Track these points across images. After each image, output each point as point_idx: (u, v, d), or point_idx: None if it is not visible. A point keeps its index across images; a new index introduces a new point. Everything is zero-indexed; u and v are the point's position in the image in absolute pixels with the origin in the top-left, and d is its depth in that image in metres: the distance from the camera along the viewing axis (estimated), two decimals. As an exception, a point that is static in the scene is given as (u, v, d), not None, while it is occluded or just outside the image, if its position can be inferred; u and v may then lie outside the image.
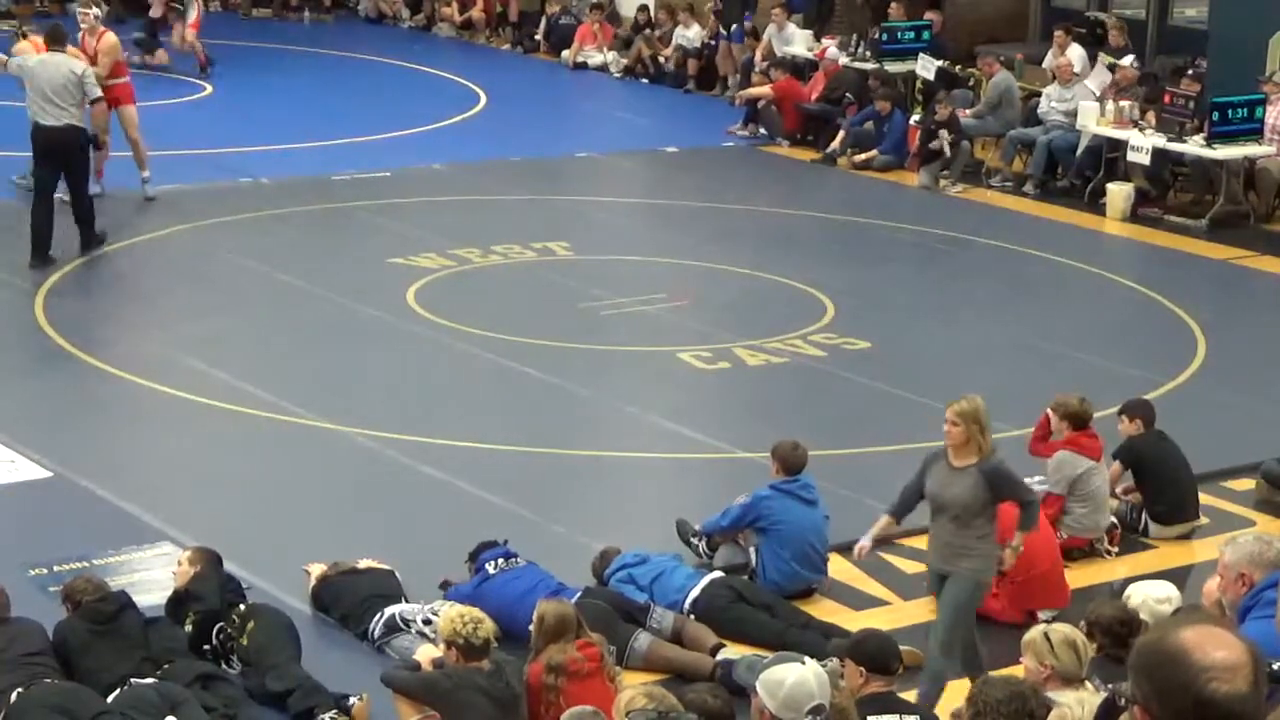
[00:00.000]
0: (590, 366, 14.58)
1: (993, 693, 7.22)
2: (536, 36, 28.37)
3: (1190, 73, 21.06)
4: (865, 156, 21.45)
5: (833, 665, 8.10)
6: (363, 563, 10.47)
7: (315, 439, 12.88)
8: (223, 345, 15.06)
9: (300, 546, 10.89)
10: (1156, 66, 23.06)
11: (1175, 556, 11.50)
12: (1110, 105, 20.26)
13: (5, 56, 17.25)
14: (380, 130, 22.63)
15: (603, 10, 27.34)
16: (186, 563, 9.91)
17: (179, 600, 9.72)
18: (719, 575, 10.60)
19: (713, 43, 26.04)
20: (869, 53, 23.41)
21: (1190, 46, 22.93)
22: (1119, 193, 19.71)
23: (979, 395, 9.32)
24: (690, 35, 26.25)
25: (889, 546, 11.37)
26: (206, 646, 9.53)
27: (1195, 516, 11.87)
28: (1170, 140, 19.49)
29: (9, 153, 18.79)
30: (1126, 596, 9.46)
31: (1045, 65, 22.47)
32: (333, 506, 11.81)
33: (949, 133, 20.55)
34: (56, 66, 16.54)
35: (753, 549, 10.88)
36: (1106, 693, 7.10)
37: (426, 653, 9.33)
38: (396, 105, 24.13)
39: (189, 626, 9.54)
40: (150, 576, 10.50)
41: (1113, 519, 11.58)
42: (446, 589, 10.37)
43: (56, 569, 10.58)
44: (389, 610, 9.90)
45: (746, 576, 10.79)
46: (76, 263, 16.59)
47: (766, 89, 23.05)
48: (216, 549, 10.05)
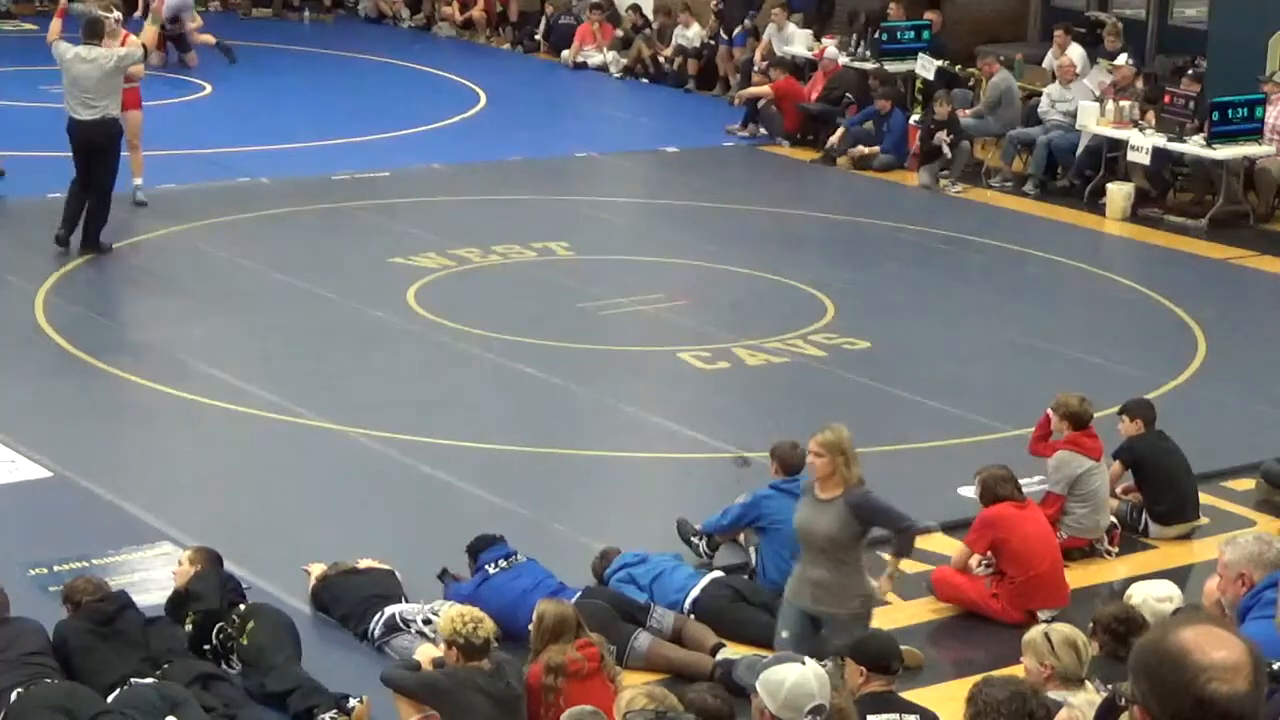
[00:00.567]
0: (590, 366, 14.58)
1: (993, 693, 7.23)
2: (536, 36, 28.37)
3: (1190, 72, 21.06)
4: (869, 151, 21.44)
5: (833, 665, 8.10)
6: (363, 563, 10.48)
7: (316, 439, 12.88)
8: (223, 345, 15.06)
9: (300, 546, 10.89)
10: (1156, 66, 23.07)
11: (1175, 556, 11.49)
12: (1110, 105, 20.26)
13: (58, 34, 17.31)
14: (380, 130, 22.63)
15: (603, 10, 27.34)
16: (186, 562, 9.92)
17: (179, 600, 9.72)
18: (719, 575, 10.61)
19: (712, 43, 26.05)
20: (869, 52, 23.41)
21: (1190, 46, 22.94)
22: (1119, 192, 19.71)
23: (843, 425, 9.06)
24: (690, 35, 26.25)
25: (889, 546, 11.38)
26: (206, 646, 9.53)
27: (1195, 516, 11.88)
28: (1170, 140, 19.49)
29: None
30: (1128, 595, 9.46)
31: (1045, 65, 22.48)
32: (333, 506, 11.81)
33: (949, 133, 20.55)
34: (92, 61, 16.68)
35: (753, 549, 10.88)
36: (1106, 693, 7.11)
37: (426, 652, 9.33)
38: (396, 105, 24.13)
39: (189, 626, 9.54)
40: (150, 576, 10.50)
41: (1113, 519, 11.58)
42: (445, 578, 10.38)
43: (56, 569, 10.58)
44: (389, 610, 9.90)
45: (746, 576, 10.79)
46: (76, 262, 16.59)
47: (766, 89, 23.06)
48: (216, 549, 10.06)
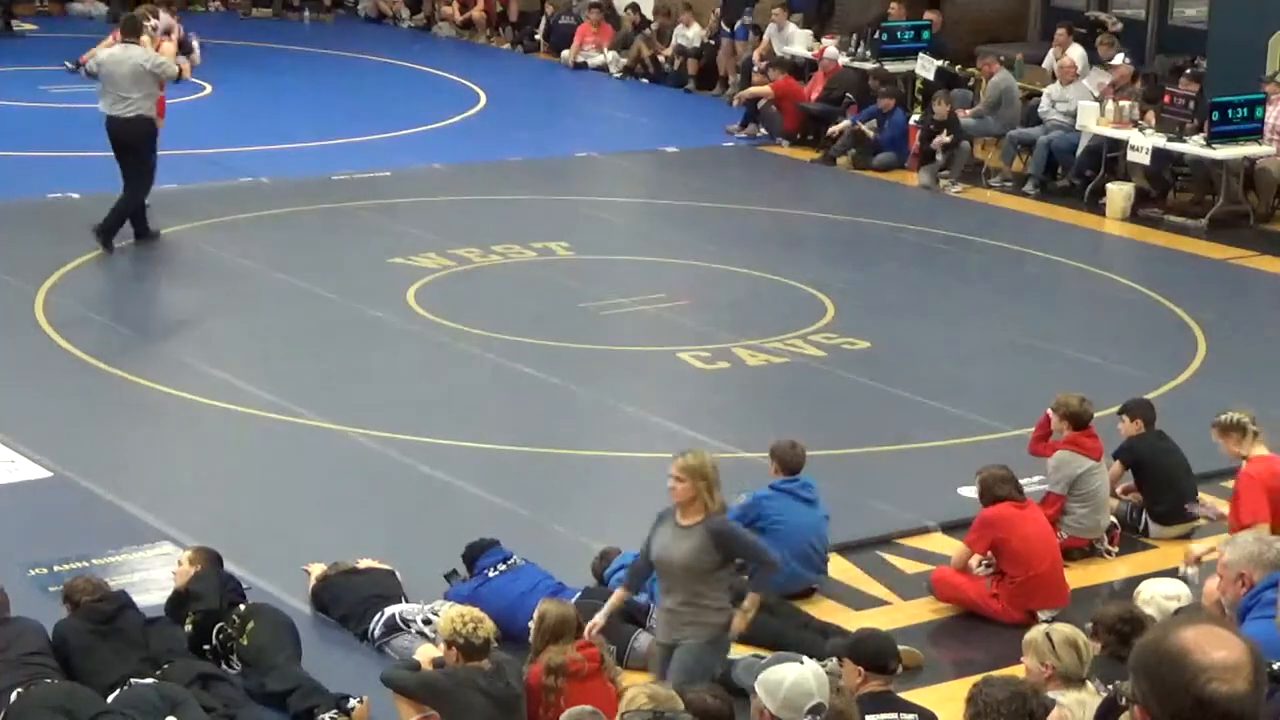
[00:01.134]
0: (590, 366, 14.58)
1: (993, 693, 7.23)
2: (536, 36, 28.37)
3: (1188, 72, 21.04)
4: (870, 134, 21.44)
5: (832, 665, 8.10)
6: (363, 563, 10.48)
7: (315, 439, 12.88)
8: (223, 345, 15.06)
9: (300, 546, 10.89)
10: (1156, 66, 23.07)
11: (1175, 556, 11.46)
12: (1110, 105, 20.26)
13: (86, 57, 17.47)
14: (380, 130, 22.63)
15: (602, 10, 27.34)
16: (186, 562, 9.92)
17: (179, 600, 9.72)
18: (719, 575, 10.60)
19: (712, 42, 26.05)
20: (869, 52, 23.41)
21: (1190, 46, 22.94)
22: (1119, 192, 19.71)
23: (705, 450, 8.73)
24: (690, 35, 26.25)
25: (889, 546, 11.40)
26: (206, 646, 9.53)
27: (1195, 516, 11.88)
28: (1170, 140, 19.49)
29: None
30: (1137, 594, 9.45)
31: (1045, 65, 22.47)
32: (333, 506, 11.81)
33: (948, 133, 20.55)
34: (133, 59, 16.83)
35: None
36: (1107, 693, 7.11)
37: (426, 652, 9.33)
38: (396, 105, 24.13)
39: (189, 626, 9.54)
40: (150, 576, 10.50)
41: (1113, 519, 11.58)
42: (453, 579, 10.38)
43: (56, 569, 10.58)
44: (389, 610, 9.90)
45: (746, 577, 10.78)
46: (76, 262, 16.59)
47: (766, 89, 23.06)
48: (216, 549, 10.06)
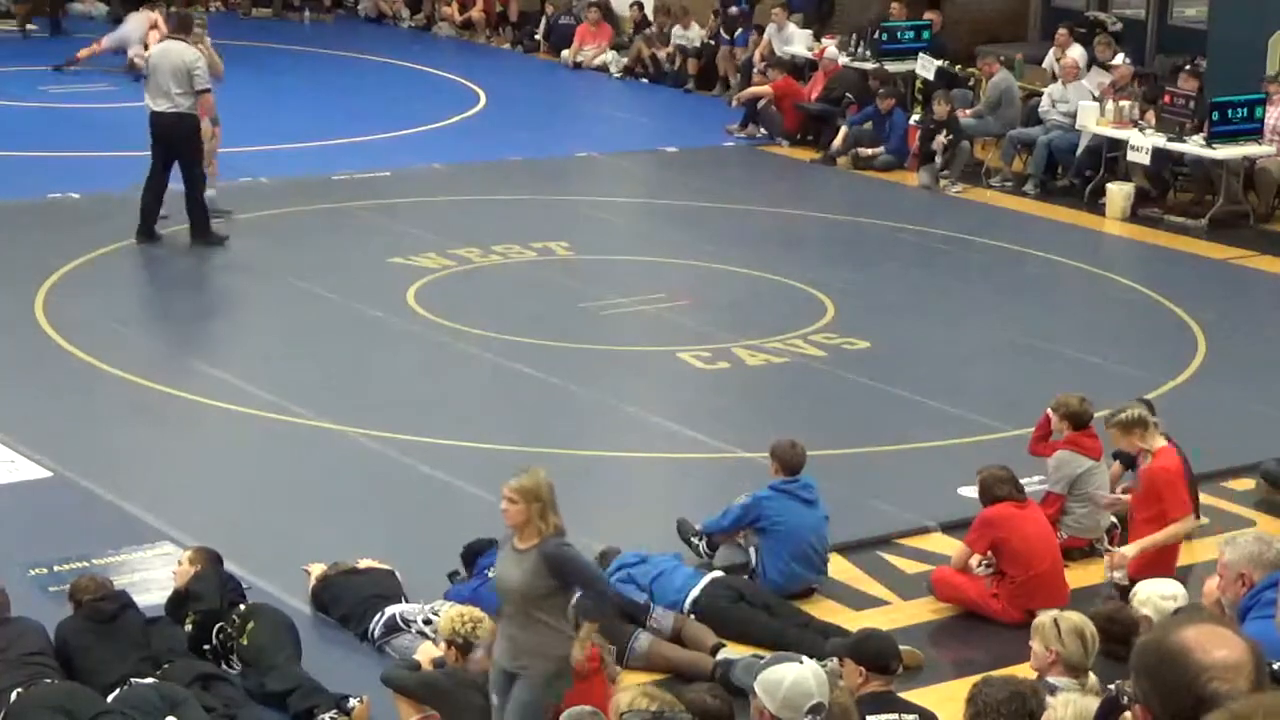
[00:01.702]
0: (590, 366, 14.58)
1: (993, 693, 7.23)
2: (536, 36, 28.38)
3: (1187, 68, 21.04)
4: (871, 152, 21.44)
5: (832, 665, 8.10)
6: (363, 563, 10.48)
7: (316, 439, 12.87)
8: (223, 345, 15.06)
9: (300, 546, 10.89)
10: (1156, 66, 23.07)
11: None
12: (1110, 105, 20.27)
13: (143, 57, 17.56)
14: (380, 130, 22.63)
15: (602, 10, 27.34)
16: (187, 562, 9.92)
17: (179, 600, 9.72)
18: (719, 575, 10.61)
19: (712, 42, 26.05)
20: (869, 52, 23.41)
21: (1190, 46, 22.93)
22: (1119, 192, 19.71)
23: (543, 469, 8.34)
24: (690, 35, 26.26)
25: (889, 546, 11.39)
26: (206, 646, 9.53)
27: (1195, 516, 11.86)
28: (1170, 140, 19.49)
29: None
30: (1133, 595, 9.47)
31: (1045, 65, 22.48)
32: (333, 506, 11.81)
33: (948, 133, 20.55)
34: (176, 54, 17.00)
35: (753, 549, 10.88)
36: (1108, 692, 7.10)
37: (426, 652, 9.33)
38: (396, 105, 24.13)
39: (189, 626, 9.54)
40: (150, 576, 10.50)
41: (1113, 519, 11.57)
42: (456, 580, 10.38)
43: (56, 569, 10.58)
44: (389, 610, 9.90)
45: (746, 576, 10.79)
46: (76, 262, 16.59)
47: (765, 89, 23.06)
48: (216, 549, 10.06)
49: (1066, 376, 13.65)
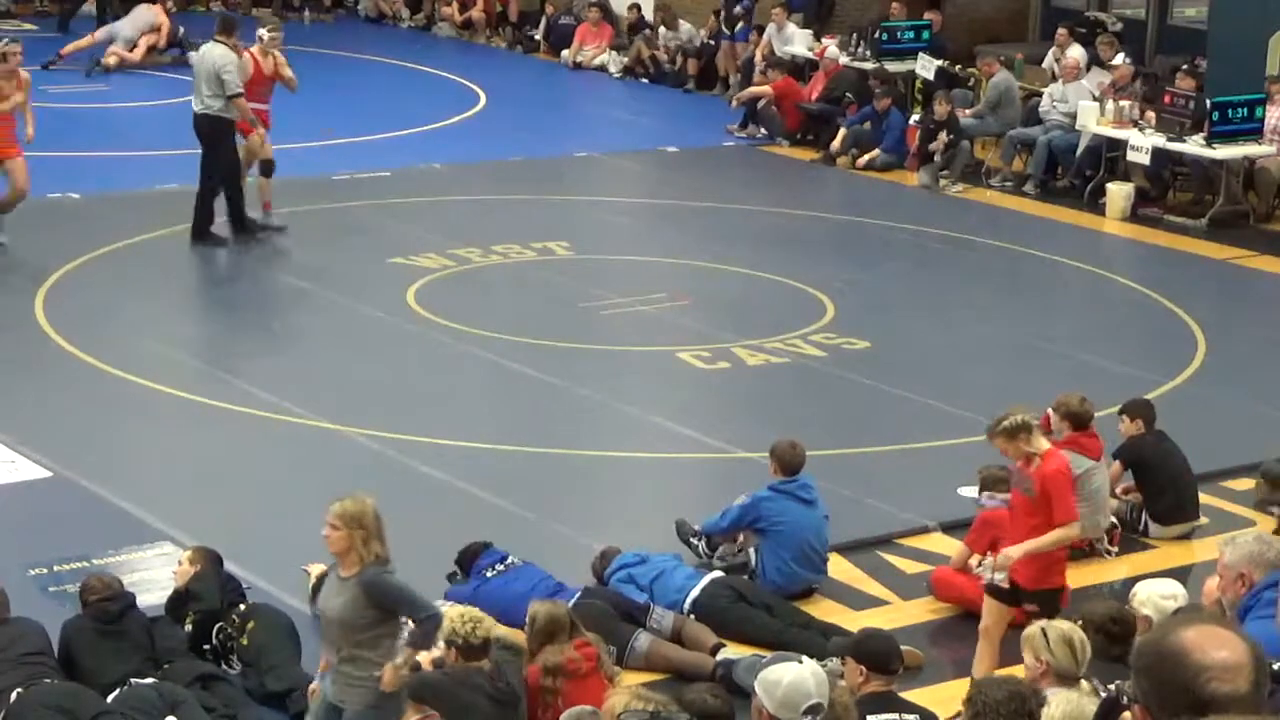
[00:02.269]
0: (590, 366, 14.58)
1: (992, 693, 7.22)
2: (536, 36, 28.38)
3: (1185, 67, 21.04)
4: (868, 158, 21.44)
5: (833, 665, 8.10)
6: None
7: (315, 439, 12.88)
8: (223, 345, 15.05)
9: (300, 546, 10.86)
10: (1156, 66, 23.07)
11: (1175, 556, 11.50)
12: (1110, 105, 20.27)
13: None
14: (380, 130, 22.62)
15: (602, 10, 27.34)
16: (187, 562, 9.92)
17: (179, 600, 9.72)
18: (719, 575, 10.61)
19: (712, 42, 26.05)
20: (869, 52, 23.41)
21: (1190, 46, 22.93)
22: (1119, 192, 19.71)
23: (370, 496, 8.12)
24: (682, 35, 26.29)
25: (889, 546, 11.40)
26: (206, 646, 9.53)
27: (1195, 516, 11.87)
28: (1170, 140, 19.48)
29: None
30: (1132, 595, 9.45)
31: (1045, 65, 22.48)
32: (333, 506, 11.79)
33: (948, 133, 20.55)
34: (210, 57, 17.21)
35: (752, 549, 10.88)
36: (1107, 693, 7.10)
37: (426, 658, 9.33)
38: (396, 105, 24.12)
39: (189, 626, 9.55)
40: (150, 576, 10.50)
41: (1113, 519, 11.58)
42: (455, 581, 10.38)
43: (56, 569, 10.58)
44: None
45: (746, 576, 10.79)
46: (76, 262, 16.59)
47: (765, 89, 23.07)
48: (216, 549, 10.06)
49: (1066, 376, 13.64)
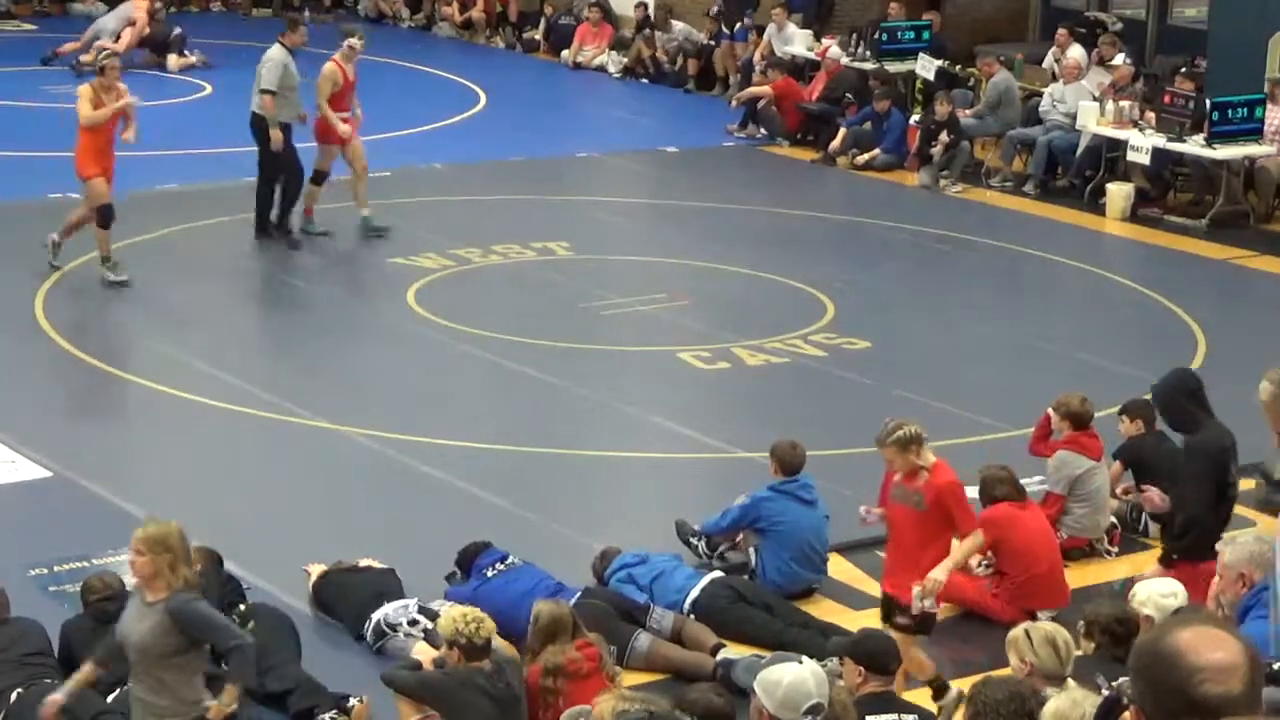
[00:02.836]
0: (590, 366, 14.59)
1: (992, 693, 7.23)
2: (536, 36, 28.38)
3: (1184, 70, 21.03)
4: (867, 157, 21.46)
5: (832, 665, 8.11)
6: (363, 563, 10.48)
7: (315, 439, 12.88)
8: (223, 345, 15.06)
9: (300, 546, 10.90)
10: (1156, 66, 23.07)
11: (1175, 556, 11.48)
12: (1110, 105, 20.27)
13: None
14: (380, 130, 22.59)
15: (600, 10, 27.34)
16: (187, 563, 9.91)
17: (179, 600, 9.72)
18: (719, 575, 10.61)
19: (712, 43, 26.05)
20: (869, 52, 23.41)
21: (1190, 46, 22.94)
22: (1119, 192, 19.71)
23: (176, 521, 7.84)
24: (676, 34, 26.30)
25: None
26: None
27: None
28: (1170, 140, 19.48)
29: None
30: (1132, 595, 9.46)
31: (1045, 65, 22.48)
32: (333, 506, 11.82)
33: (948, 133, 20.55)
34: (264, 58, 17.38)
35: (752, 549, 10.88)
36: (1108, 693, 7.11)
37: (426, 651, 9.34)
38: (396, 105, 24.11)
39: (189, 626, 9.54)
40: (150, 576, 10.49)
41: (1113, 519, 11.58)
42: (454, 581, 10.39)
43: (56, 569, 10.59)
44: (375, 617, 9.89)
45: (746, 576, 10.80)
46: (76, 262, 16.59)
47: (765, 89, 23.07)
48: (216, 549, 10.06)
49: (1066, 376, 13.65)
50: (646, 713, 6.65)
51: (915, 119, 21.68)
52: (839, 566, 11.05)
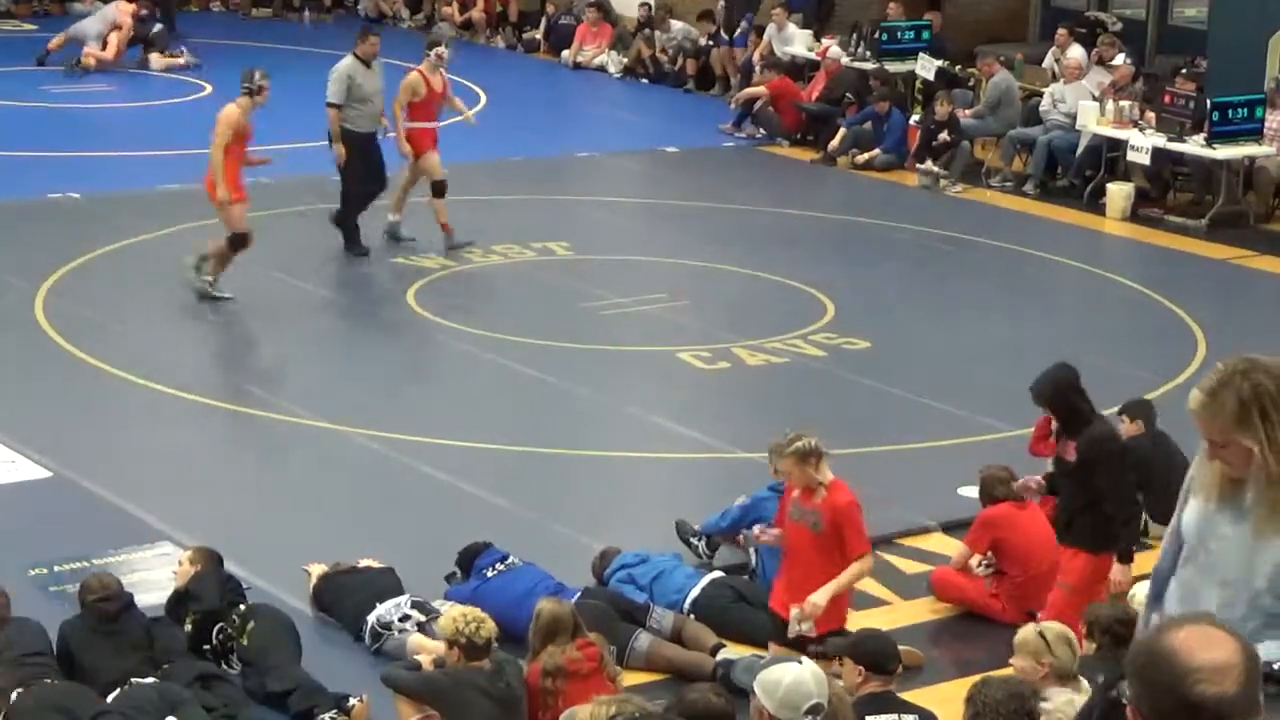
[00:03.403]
0: (590, 366, 14.59)
1: (992, 693, 7.24)
2: (536, 36, 28.38)
3: (1184, 71, 21.04)
4: (867, 157, 21.47)
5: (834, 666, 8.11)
6: (363, 563, 10.48)
7: (315, 439, 12.88)
8: (223, 345, 15.06)
9: (300, 546, 10.90)
10: (1156, 66, 23.08)
11: (1175, 556, 11.47)
12: (1110, 105, 20.28)
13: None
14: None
15: (602, 10, 27.35)
16: (187, 562, 9.92)
17: (179, 600, 9.73)
18: (719, 575, 10.62)
19: (712, 43, 26.06)
20: (869, 52, 23.42)
21: (1190, 46, 22.95)
22: (1119, 192, 19.72)
23: None
24: (675, 34, 26.30)
25: (889, 546, 11.39)
26: (206, 646, 9.54)
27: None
28: (1170, 140, 19.49)
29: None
30: (1131, 596, 9.46)
31: (1045, 65, 22.49)
32: (333, 506, 11.82)
33: (949, 133, 20.56)
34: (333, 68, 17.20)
35: (753, 549, 10.88)
36: (1109, 693, 7.11)
37: (424, 648, 9.34)
38: (396, 105, 24.10)
39: (189, 626, 9.55)
40: (150, 576, 10.50)
41: (1112, 519, 11.55)
42: (453, 582, 10.40)
43: (56, 569, 10.59)
44: (369, 619, 9.89)
45: (746, 576, 10.80)
46: (76, 262, 16.60)
47: (760, 89, 23.08)
48: (216, 549, 10.06)
49: (1066, 376, 13.62)
50: (646, 712, 6.65)
51: (915, 119, 21.69)
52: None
